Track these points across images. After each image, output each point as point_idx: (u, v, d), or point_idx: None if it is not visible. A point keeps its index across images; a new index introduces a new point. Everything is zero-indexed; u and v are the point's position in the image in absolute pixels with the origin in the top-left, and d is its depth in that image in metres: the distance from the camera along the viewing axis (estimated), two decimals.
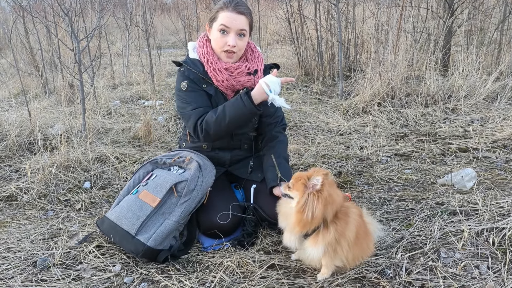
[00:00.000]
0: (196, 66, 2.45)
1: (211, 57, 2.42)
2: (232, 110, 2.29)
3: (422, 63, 5.44)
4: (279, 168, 2.39)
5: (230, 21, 2.32)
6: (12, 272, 2.19)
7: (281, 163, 2.43)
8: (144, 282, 2.10)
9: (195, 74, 2.44)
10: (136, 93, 6.29)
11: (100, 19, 4.94)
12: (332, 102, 5.35)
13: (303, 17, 6.71)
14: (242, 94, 2.27)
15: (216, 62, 2.40)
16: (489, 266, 2.06)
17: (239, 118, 2.31)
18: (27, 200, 3.08)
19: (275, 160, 2.43)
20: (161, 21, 14.28)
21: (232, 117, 2.30)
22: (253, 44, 2.57)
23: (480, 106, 4.69)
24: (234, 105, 2.29)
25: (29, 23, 6.68)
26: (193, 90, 2.44)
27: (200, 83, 2.44)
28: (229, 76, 2.40)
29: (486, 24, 6.30)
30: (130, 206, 2.33)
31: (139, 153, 3.90)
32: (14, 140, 3.97)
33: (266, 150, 2.57)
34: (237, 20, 2.33)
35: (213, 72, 2.40)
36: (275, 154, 2.48)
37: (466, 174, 2.99)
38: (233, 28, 2.33)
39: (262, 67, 2.52)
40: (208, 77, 2.43)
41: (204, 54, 2.44)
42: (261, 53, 2.61)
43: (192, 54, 2.50)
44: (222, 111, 2.31)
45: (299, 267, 2.17)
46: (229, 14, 2.32)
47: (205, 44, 2.47)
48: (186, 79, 2.44)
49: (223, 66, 2.40)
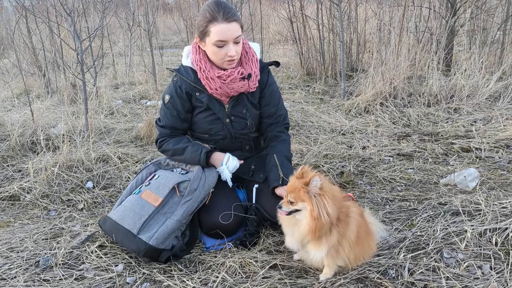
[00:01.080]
0: (188, 75, 2.43)
1: (204, 65, 2.38)
2: (188, 156, 2.45)
3: (425, 63, 5.42)
4: (282, 168, 2.38)
5: (224, 34, 2.26)
6: (15, 272, 2.19)
7: (283, 163, 2.42)
8: (146, 282, 2.10)
9: (187, 83, 2.42)
10: (138, 93, 6.31)
11: (102, 19, 4.95)
12: (334, 102, 5.34)
13: (305, 16, 6.70)
14: (202, 154, 2.41)
15: (209, 70, 2.37)
16: (492, 267, 2.05)
17: (191, 162, 2.48)
18: (30, 200, 3.08)
19: (277, 160, 2.42)
20: (163, 21, 14.29)
21: (187, 160, 2.49)
22: (247, 45, 2.50)
23: (482, 106, 4.68)
24: (192, 155, 2.43)
25: (32, 23, 6.70)
26: (172, 107, 2.48)
27: (192, 91, 2.43)
28: (222, 84, 2.37)
29: (488, 24, 6.28)
30: (133, 205, 2.33)
31: (141, 153, 3.90)
32: (17, 140, 3.98)
33: (268, 149, 2.56)
34: (231, 30, 2.27)
35: (206, 81, 2.38)
36: (277, 153, 2.46)
37: (469, 174, 2.98)
38: (229, 39, 2.28)
39: (256, 69, 2.46)
40: (201, 85, 2.40)
41: (197, 61, 2.41)
42: (258, 50, 2.55)
43: (186, 61, 2.48)
44: (182, 151, 2.47)
45: (301, 267, 2.17)
46: (222, 26, 2.24)
47: (198, 50, 2.43)
48: (173, 92, 2.46)
49: (215, 74, 2.36)
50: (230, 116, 2.48)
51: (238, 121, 2.51)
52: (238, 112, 2.49)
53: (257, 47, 2.57)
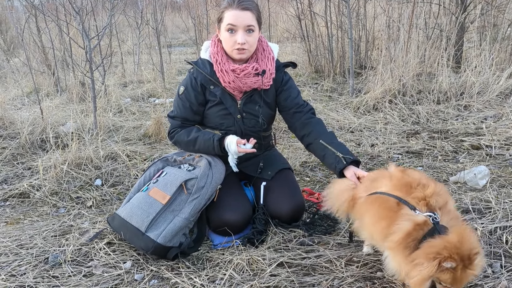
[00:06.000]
0: (204, 67, 2.45)
1: (220, 58, 2.40)
2: (202, 145, 2.44)
3: (434, 60, 5.37)
4: (334, 148, 2.29)
5: (235, 19, 2.30)
6: (24, 269, 2.21)
7: (333, 142, 2.33)
8: (154, 279, 2.11)
9: (202, 75, 2.44)
10: (147, 91, 6.32)
11: (111, 18, 4.97)
12: (343, 100, 5.32)
13: (314, 14, 6.67)
14: (215, 140, 2.40)
15: (224, 63, 2.39)
16: (502, 265, 2.03)
17: (205, 151, 2.48)
18: (39, 197, 3.11)
19: (325, 143, 2.33)
20: (172, 19, 14.31)
21: (200, 149, 2.48)
22: (265, 43, 2.52)
23: (493, 103, 4.62)
24: (205, 143, 2.43)
25: (41, 22, 6.74)
26: (185, 98, 2.48)
27: (207, 84, 2.44)
28: (235, 78, 2.38)
29: (499, 20, 6.19)
30: (141, 203, 2.34)
31: (150, 151, 3.92)
32: (26, 138, 4.01)
33: (308, 140, 2.44)
34: (242, 17, 2.30)
35: (221, 73, 2.39)
36: (320, 137, 2.37)
37: (479, 171, 2.95)
38: (240, 25, 2.31)
39: (271, 67, 2.46)
40: (216, 78, 2.42)
41: (214, 54, 2.43)
42: (276, 51, 2.55)
43: (204, 54, 2.50)
44: (194, 140, 2.46)
45: (309, 264, 2.16)
46: (234, 12, 2.30)
47: (216, 44, 2.46)
48: (188, 84, 2.47)
49: (230, 68, 2.38)
50: (242, 113, 2.48)
51: (249, 118, 2.50)
52: (250, 108, 2.49)
53: (276, 48, 2.57)
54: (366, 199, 1.97)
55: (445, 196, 1.82)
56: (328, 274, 2.08)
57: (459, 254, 1.56)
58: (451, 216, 1.75)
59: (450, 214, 1.76)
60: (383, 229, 1.80)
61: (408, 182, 1.85)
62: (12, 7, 10.71)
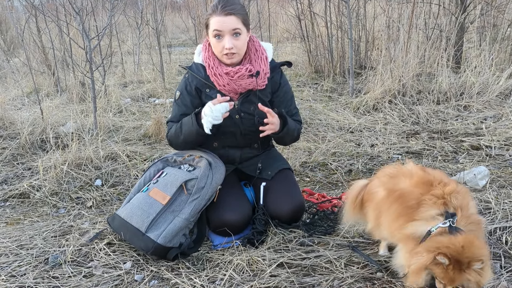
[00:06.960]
0: (199, 71, 2.48)
1: (212, 62, 2.42)
2: (185, 127, 2.41)
3: (434, 60, 5.37)
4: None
5: (220, 25, 2.31)
6: (25, 269, 2.21)
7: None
8: (154, 279, 2.11)
9: (197, 79, 2.46)
10: (147, 91, 6.32)
11: (111, 18, 4.97)
12: (343, 100, 5.32)
13: (313, 14, 6.67)
14: (192, 114, 2.37)
15: (217, 67, 2.40)
16: (502, 266, 2.04)
17: (190, 135, 2.41)
18: (39, 197, 3.11)
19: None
20: (172, 20, 14.30)
21: (185, 134, 2.43)
22: (258, 43, 2.52)
23: (493, 103, 4.62)
24: (187, 123, 2.40)
25: (41, 22, 6.74)
26: (181, 103, 2.50)
27: (203, 87, 2.46)
28: (230, 80, 2.39)
29: (499, 20, 6.20)
30: (141, 203, 2.34)
31: (150, 151, 3.92)
32: (26, 138, 4.01)
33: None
34: (227, 22, 2.31)
35: (215, 77, 2.41)
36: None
37: (479, 172, 2.96)
38: (225, 30, 2.32)
39: (265, 67, 2.47)
40: (210, 81, 2.43)
41: (206, 59, 2.45)
42: (269, 50, 2.55)
43: (197, 58, 2.52)
44: (180, 126, 2.44)
45: (309, 265, 2.17)
46: (218, 18, 2.32)
47: (207, 48, 2.48)
48: (183, 89, 2.49)
49: (223, 71, 2.39)
50: (240, 113, 2.48)
51: (247, 118, 2.51)
52: (246, 109, 2.49)
53: (270, 47, 2.58)
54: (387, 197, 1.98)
55: (467, 197, 1.85)
56: (328, 275, 2.08)
57: (457, 256, 1.60)
58: (471, 221, 1.77)
59: (470, 218, 1.78)
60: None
61: (429, 180, 1.88)
62: (12, 7, 10.70)
